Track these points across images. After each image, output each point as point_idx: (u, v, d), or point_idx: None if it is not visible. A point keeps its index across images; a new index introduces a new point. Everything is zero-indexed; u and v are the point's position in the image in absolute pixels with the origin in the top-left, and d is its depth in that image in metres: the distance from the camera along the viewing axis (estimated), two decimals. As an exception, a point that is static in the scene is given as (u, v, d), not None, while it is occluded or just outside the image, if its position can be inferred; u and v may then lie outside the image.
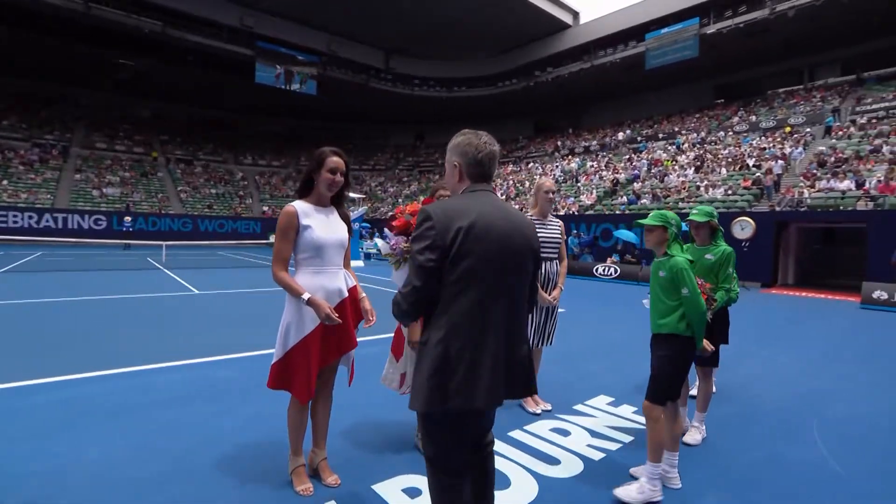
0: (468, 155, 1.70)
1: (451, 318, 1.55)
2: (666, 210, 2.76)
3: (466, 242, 1.53)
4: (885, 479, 2.81)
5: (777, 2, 23.21)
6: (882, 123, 18.96)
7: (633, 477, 2.75)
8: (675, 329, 2.55)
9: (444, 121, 42.71)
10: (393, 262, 1.83)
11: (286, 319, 2.36)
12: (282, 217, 2.32)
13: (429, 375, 1.54)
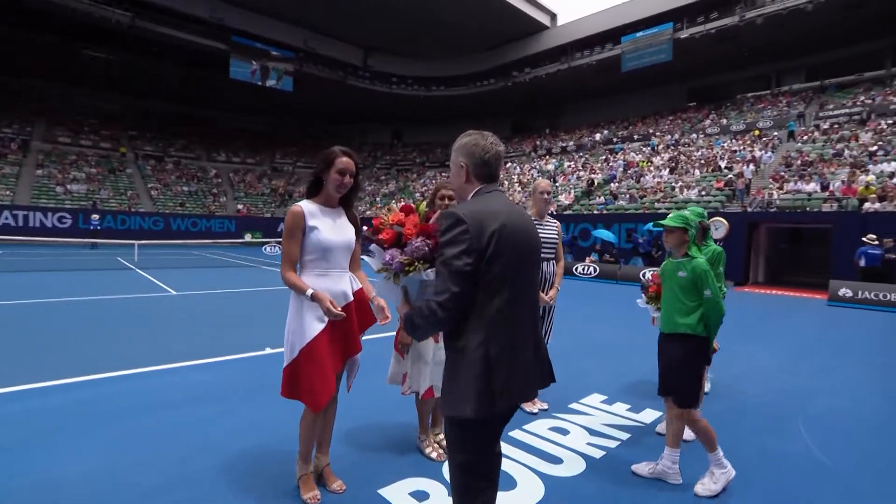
0: (475, 156, 1.70)
1: (488, 321, 1.56)
2: (684, 211, 2.82)
3: (500, 244, 1.55)
4: (871, 471, 2.94)
5: (746, 10, 23.97)
6: (843, 129, 19.81)
7: (636, 474, 2.80)
8: (694, 330, 2.63)
9: (422, 120, 42.63)
10: (388, 277, 1.70)
11: (290, 324, 2.31)
12: (288, 217, 2.26)
13: (475, 380, 1.54)
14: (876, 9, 21.62)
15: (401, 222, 1.67)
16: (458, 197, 1.83)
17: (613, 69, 29.95)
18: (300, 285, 2.19)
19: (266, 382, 4.17)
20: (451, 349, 1.61)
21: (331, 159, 2.31)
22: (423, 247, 1.62)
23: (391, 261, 1.63)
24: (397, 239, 1.66)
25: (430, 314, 1.53)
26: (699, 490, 2.60)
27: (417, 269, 1.62)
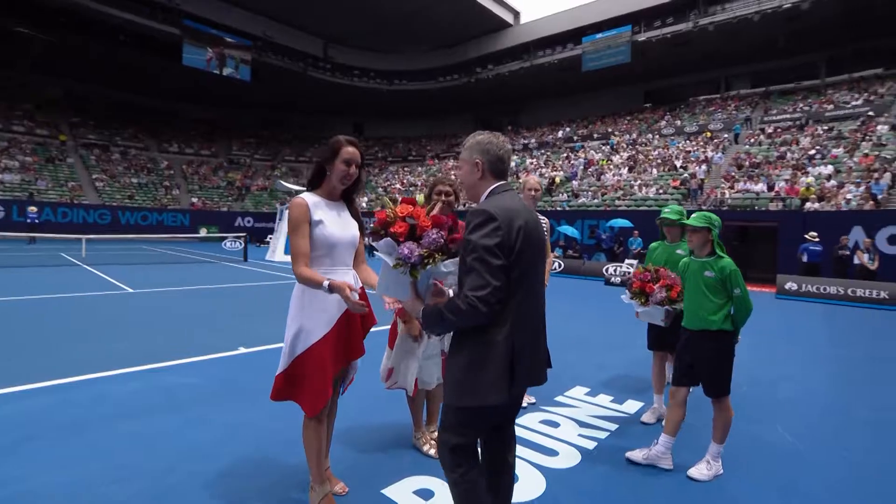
0: (491, 153, 1.75)
1: (513, 314, 1.63)
2: (709, 212, 2.92)
3: (523, 240, 1.63)
4: (839, 451, 3.16)
5: (699, 17, 25.07)
6: (786, 133, 21.11)
7: (631, 461, 2.89)
8: (723, 326, 2.76)
9: (384, 114, 42.15)
10: (404, 271, 1.67)
11: (295, 322, 2.17)
12: (293, 210, 2.11)
13: (503, 370, 1.61)
14: (812, 24, 23.12)
15: (413, 214, 1.63)
16: (470, 194, 1.84)
17: (574, 69, 30.61)
18: (316, 278, 2.03)
19: (244, 384, 4.03)
20: (476, 341, 1.64)
21: (336, 148, 2.16)
22: (439, 238, 1.61)
23: (410, 254, 1.59)
24: (411, 232, 1.63)
25: (471, 309, 1.55)
26: (695, 474, 2.73)
27: (435, 261, 1.61)
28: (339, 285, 1.97)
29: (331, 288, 1.98)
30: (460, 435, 1.70)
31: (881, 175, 14.71)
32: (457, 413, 1.69)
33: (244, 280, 11.09)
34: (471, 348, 1.65)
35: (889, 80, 22.88)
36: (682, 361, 2.90)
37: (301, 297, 2.16)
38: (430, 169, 35.10)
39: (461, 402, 1.65)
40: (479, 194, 1.78)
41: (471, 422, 1.70)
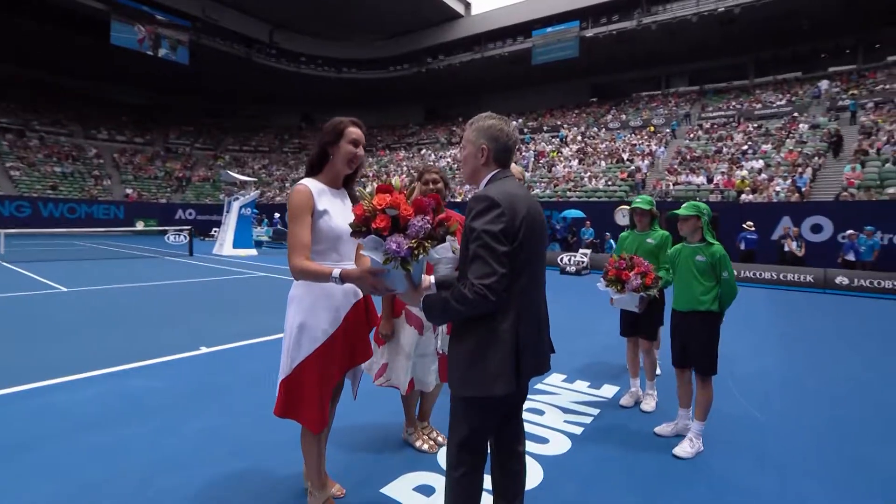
0: (500, 141, 1.70)
1: (517, 302, 1.60)
2: (698, 201, 3.06)
3: (527, 227, 1.60)
4: (797, 421, 3.39)
5: (643, 16, 26.10)
6: (721, 129, 22.47)
7: (659, 435, 3.12)
8: (712, 307, 2.92)
9: (333, 103, 40.95)
10: (395, 266, 1.52)
11: (296, 322, 1.95)
12: (295, 197, 1.90)
13: (508, 360, 1.58)
14: (743, 28, 24.72)
15: (393, 204, 1.50)
16: (468, 177, 1.78)
17: (524, 62, 31.10)
18: (322, 270, 1.79)
19: (213, 386, 3.80)
20: (480, 331, 1.59)
21: (341, 129, 1.97)
22: (425, 225, 1.51)
23: (399, 248, 1.48)
24: (395, 223, 1.51)
25: (479, 298, 1.49)
26: (680, 452, 2.86)
27: (426, 249, 1.51)
28: (354, 273, 1.75)
29: (343, 278, 1.74)
30: (468, 428, 1.65)
31: (804, 169, 15.98)
32: (463, 404, 1.65)
33: (193, 276, 10.47)
34: (475, 338, 1.60)
35: (807, 83, 24.86)
36: (675, 343, 3.08)
37: (305, 294, 1.97)
38: (381, 160, 34.59)
39: (466, 392, 1.62)
40: (478, 179, 1.74)
41: (478, 413, 1.65)
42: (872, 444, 3.13)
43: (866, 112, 19.52)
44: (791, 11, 23.00)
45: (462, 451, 1.66)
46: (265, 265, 13.23)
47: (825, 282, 11.19)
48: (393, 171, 30.86)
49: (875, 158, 15.63)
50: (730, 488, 2.54)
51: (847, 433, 3.29)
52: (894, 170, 14.53)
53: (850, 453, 2.98)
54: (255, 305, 7.42)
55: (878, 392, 4.22)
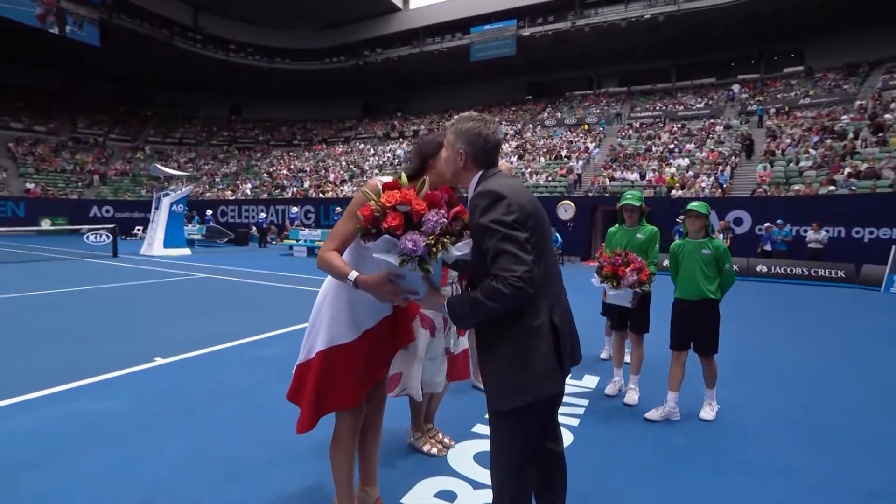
0: (476, 145, 1.63)
1: (544, 293, 1.54)
2: (704, 202, 3.33)
3: (535, 216, 1.55)
4: (761, 399, 3.68)
5: (577, 17, 27.13)
6: (649, 128, 23.94)
7: (649, 420, 3.30)
8: (716, 294, 3.29)
9: (264, 94, 39.17)
10: (413, 268, 1.42)
11: (319, 318, 1.85)
12: (361, 190, 1.73)
13: (550, 356, 1.52)
14: (666, 35, 26.43)
15: (403, 200, 1.42)
16: (453, 182, 1.73)
17: (463, 58, 31.28)
18: (341, 267, 1.68)
19: (182, 401, 3.47)
20: (513, 332, 1.50)
21: (440, 142, 1.83)
22: (441, 220, 1.43)
23: (416, 247, 1.39)
24: (408, 220, 1.43)
25: (517, 291, 1.39)
26: (705, 416, 3.32)
27: (445, 246, 1.43)
28: (370, 280, 1.61)
29: (357, 284, 1.62)
30: (524, 437, 1.56)
31: (724, 168, 17.42)
32: (508, 416, 1.54)
33: (123, 279, 9.56)
34: (512, 340, 1.51)
35: (720, 88, 27.08)
36: (681, 329, 3.34)
37: (335, 296, 1.85)
38: (318, 154, 33.50)
39: (513, 403, 1.50)
40: (465, 181, 1.68)
41: (528, 421, 1.55)
42: (835, 415, 3.46)
43: (771, 117, 21.60)
44: (705, 23, 24.95)
45: (517, 467, 1.57)
46: (203, 265, 12.37)
47: (748, 270, 12.27)
48: (331, 166, 30.02)
49: (781, 159, 17.34)
50: (725, 464, 2.70)
51: (810, 406, 3.61)
52: (797, 169, 16.21)
53: (819, 424, 3.28)
54: (205, 309, 6.90)
55: (820, 367, 4.68)
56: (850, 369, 4.73)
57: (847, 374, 4.55)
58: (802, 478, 2.59)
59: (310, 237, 16.48)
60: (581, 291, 5.21)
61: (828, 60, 25.00)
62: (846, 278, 11.49)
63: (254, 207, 24.67)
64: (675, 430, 3.20)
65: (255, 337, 5.27)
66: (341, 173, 28.05)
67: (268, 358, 4.58)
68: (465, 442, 2.92)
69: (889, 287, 10.67)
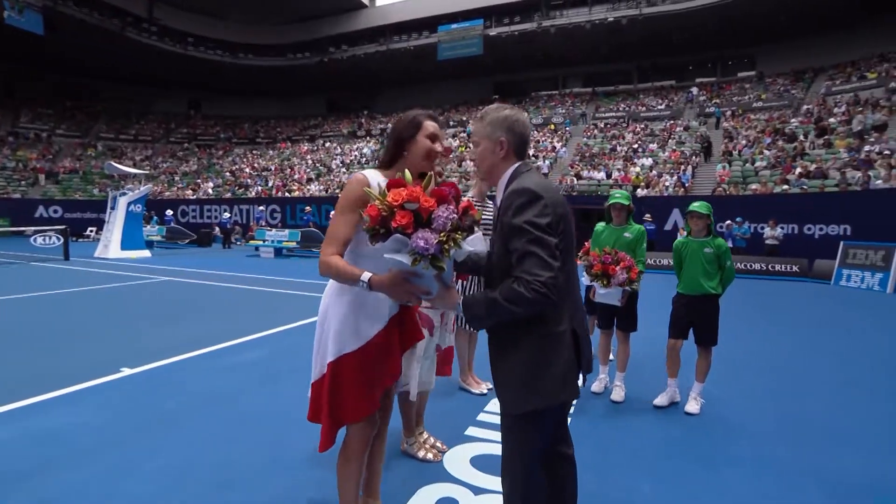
0: (516, 131, 1.61)
1: (567, 299, 1.53)
2: (705, 202, 3.53)
3: (565, 220, 1.54)
4: (747, 401, 3.80)
5: (542, 19, 27.53)
6: (614, 129, 24.54)
7: (658, 406, 3.53)
8: (717, 290, 3.47)
9: (226, 90, 37.91)
10: (426, 266, 1.38)
11: (339, 316, 1.73)
12: (350, 186, 1.68)
13: (572, 361, 1.51)
14: (628, 38, 27.18)
15: (411, 197, 1.38)
16: (486, 174, 1.67)
17: (430, 57, 31.20)
18: (350, 271, 1.59)
19: (160, 412, 3.28)
20: (536, 335, 1.49)
21: (418, 122, 1.74)
22: (451, 215, 1.40)
23: (427, 244, 1.35)
24: (417, 218, 1.39)
25: (539, 296, 1.37)
26: (691, 409, 3.43)
27: (457, 243, 1.39)
28: (385, 280, 1.53)
29: (371, 285, 1.54)
30: (532, 442, 1.56)
31: (685, 167, 18.05)
32: (524, 420, 1.53)
33: (77, 283, 9.02)
34: (533, 343, 1.49)
35: (680, 90, 28.07)
36: (682, 321, 3.59)
37: (339, 298, 1.75)
38: (282, 153, 32.70)
39: (530, 406, 1.49)
40: (497, 175, 1.63)
41: (541, 424, 1.55)
42: (809, 405, 3.61)
43: (727, 118, 22.54)
44: (665, 27, 25.80)
45: (529, 470, 1.56)
46: (165, 268, 11.84)
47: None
48: (297, 164, 29.36)
49: (738, 159, 18.12)
50: (717, 459, 2.76)
51: (784, 397, 3.76)
52: (753, 169, 16.97)
53: (796, 415, 3.41)
54: (172, 314, 6.58)
55: (786, 359, 4.89)
56: (816, 360, 4.97)
57: (813, 365, 4.77)
58: (791, 469, 2.68)
59: (277, 237, 16.04)
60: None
61: (777, 66, 26.32)
62: (800, 272, 12.12)
63: (217, 207, 23.83)
64: (667, 425, 3.25)
65: (231, 342, 5.06)
66: (307, 172, 27.47)
67: (246, 363, 4.40)
68: (459, 446, 2.88)
69: (838, 280, 11.32)
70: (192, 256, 15.30)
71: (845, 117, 17.97)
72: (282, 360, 4.53)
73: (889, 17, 22.34)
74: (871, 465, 2.73)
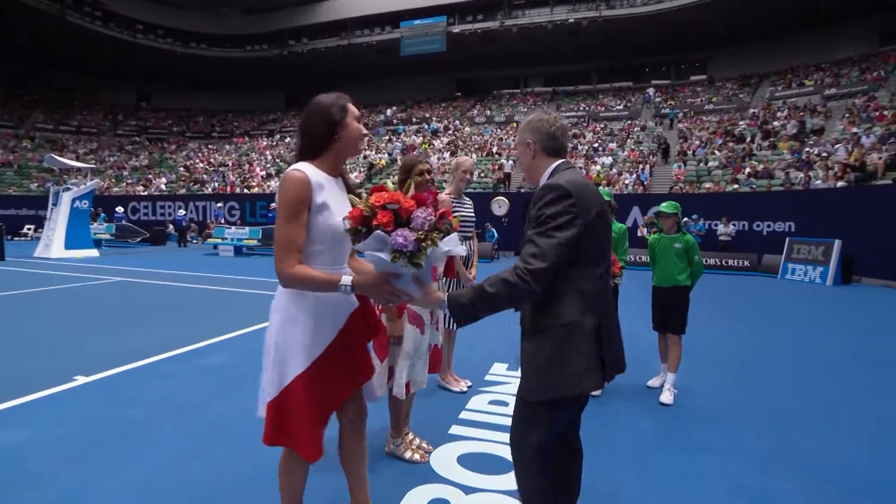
0: (541, 130, 1.69)
1: (591, 294, 1.56)
2: (672, 201, 3.76)
3: (599, 216, 1.57)
4: (714, 390, 3.95)
5: (505, 18, 27.80)
6: (575, 128, 25.07)
7: (651, 388, 3.86)
8: (686, 282, 3.75)
9: (179, 81, 36.31)
10: (405, 264, 1.43)
11: (284, 335, 1.62)
12: (289, 187, 1.55)
13: (590, 354, 1.52)
14: (588, 39, 27.86)
15: (392, 199, 1.45)
16: (530, 177, 1.73)
17: (392, 52, 30.93)
18: (325, 278, 1.53)
19: (121, 423, 3.08)
20: (557, 327, 1.53)
21: (345, 104, 1.66)
22: (429, 216, 1.46)
23: (406, 241, 1.40)
24: (397, 218, 1.45)
25: (521, 282, 1.44)
26: (665, 400, 3.56)
27: (434, 241, 1.45)
28: (367, 281, 1.53)
29: (354, 286, 1.52)
30: (552, 431, 1.59)
31: (644, 166, 18.67)
32: (542, 408, 1.56)
33: (17, 286, 8.39)
34: (554, 334, 1.54)
35: (637, 91, 29.01)
36: (659, 312, 3.88)
37: (294, 302, 1.63)
38: (240, 148, 31.63)
39: (550, 395, 1.52)
40: (538, 176, 1.70)
41: (558, 414, 1.58)
42: (771, 393, 3.79)
43: (681, 120, 23.48)
44: (623, 30, 26.62)
45: (539, 457, 1.59)
46: (117, 268, 11.20)
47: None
48: (255, 160, 28.44)
49: (692, 159, 18.91)
50: (691, 447, 2.85)
51: (749, 386, 3.94)
52: (706, 168, 17.76)
53: (762, 402, 3.57)
54: (128, 317, 6.21)
55: (747, 349, 5.13)
56: (772, 349, 5.24)
57: (770, 354, 5.02)
58: (760, 453, 2.80)
59: (237, 235, 15.48)
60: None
61: (726, 71, 27.64)
62: (750, 267, 12.79)
63: (171, 204, 22.74)
64: (642, 416, 3.34)
65: (195, 345, 4.83)
66: (267, 167, 26.67)
67: (213, 368, 4.20)
68: (445, 445, 2.84)
69: (784, 274, 12.02)
70: (146, 256, 14.55)
71: (787, 121, 19.09)
72: (250, 363, 4.35)
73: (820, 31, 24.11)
74: (832, 446, 2.90)
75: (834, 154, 15.10)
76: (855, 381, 4.21)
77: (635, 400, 3.66)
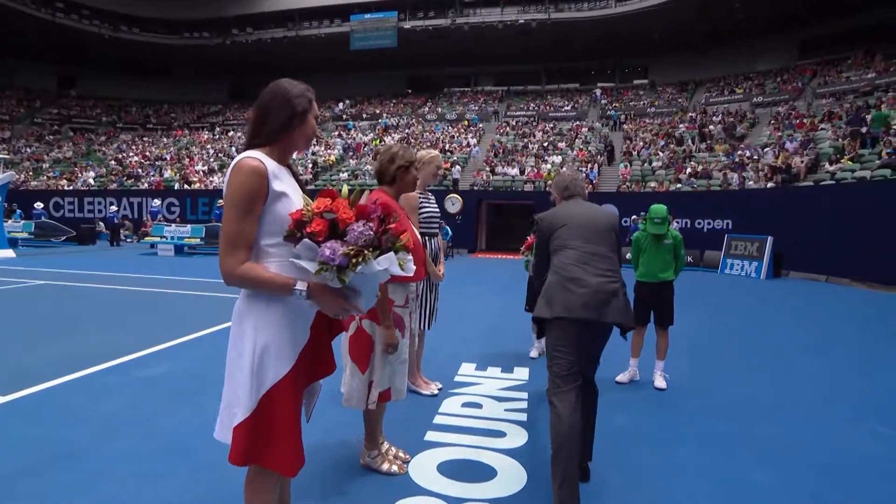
0: (559, 186, 2.72)
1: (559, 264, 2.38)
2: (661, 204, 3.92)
3: (560, 227, 2.42)
4: (683, 379, 4.05)
5: (457, 16, 27.80)
6: (525, 127, 25.51)
7: (620, 383, 3.94)
8: (671, 276, 3.94)
9: (108, 67, 33.68)
10: (331, 277, 1.32)
11: (259, 341, 1.44)
12: (244, 177, 1.41)
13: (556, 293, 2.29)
14: (537, 41, 28.42)
15: (330, 208, 1.35)
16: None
17: (342, 46, 30.19)
18: (276, 280, 1.40)
19: (54, 446, 2.70)
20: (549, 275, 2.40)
21: (310, 98, 1.54)
22: (366, 231, 1.35)
23: (333, 255, 1.30)
24: (332, 228, 1.35)
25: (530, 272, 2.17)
26: (660, 384, 3.82)
27: (367, 259, 1.33)
28: (326, 289, 1.38)
29: (310, 293, 1.38)
30: (551, 342, 2.28)
31: (592, 165, 19.25)
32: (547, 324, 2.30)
33: None
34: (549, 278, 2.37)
35: (584, 93, 29.93)
36: (642, 307, 3.90)
37: (267, 304, 1.46)
38: (178, 141, 29.81)
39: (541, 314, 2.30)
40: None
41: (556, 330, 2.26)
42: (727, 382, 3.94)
43: (625, 121, 24.44)
44: (570, 33, 27.39)
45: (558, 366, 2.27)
46: (38, 269, 10.17)
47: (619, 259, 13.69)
48: (196, 154, 26.91)
49: (637, 159, 19.71)
50: (665, 440, 2.88)
51: (708, 376, 4.07)
52: (651, 168, 18.56)
53: (721, 391, 3.69)
54: (55, 325, 5.59)
55: (705, 339, 5.33)
56: (720, 339, 5.50)
57: (722, 346, 5.26)
58: (728, 441, 2.88)
59: (178, 234, 14.52)
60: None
61: (666, 76, 29.05)
62: (694, 262, 13.47)
63: (101, 200, 21.01)
64: (616, 411, 3.34)
65: (136, 354, 4.40)
66: (209, 161, 25.28)
67: (159, 378, 3.83)
68: (423, 454, 2.70)
69: (724, 269, 12.75)
70: (72, 256, 13.34)
71: (721, 125, 20.31)
72: (201, 371, 4.03)
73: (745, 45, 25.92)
74: (790, 430, 3.05)
75: (763, 157, 16.21)
76: (796, 367, 4.46)
77: (604, 395, 3.66)
